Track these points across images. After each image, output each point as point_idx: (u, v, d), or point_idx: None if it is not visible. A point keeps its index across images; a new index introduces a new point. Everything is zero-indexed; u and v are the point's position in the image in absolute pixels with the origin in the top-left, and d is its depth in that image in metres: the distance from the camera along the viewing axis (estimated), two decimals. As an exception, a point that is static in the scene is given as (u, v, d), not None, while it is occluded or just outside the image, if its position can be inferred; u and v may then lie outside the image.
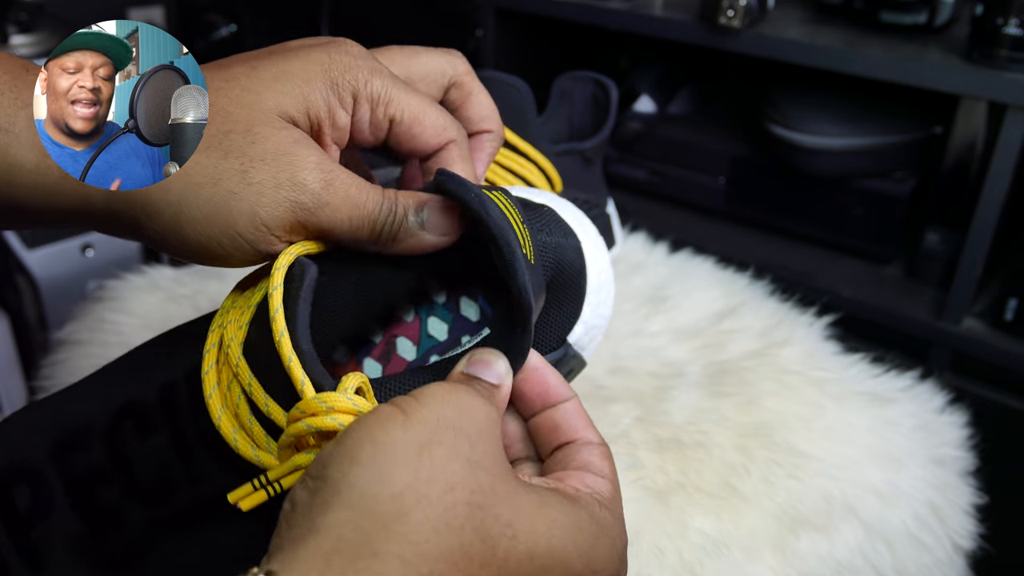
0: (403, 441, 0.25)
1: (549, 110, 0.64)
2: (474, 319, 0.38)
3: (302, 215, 0.31)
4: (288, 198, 0.31)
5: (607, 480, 0.30)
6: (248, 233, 0.31)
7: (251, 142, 0.31)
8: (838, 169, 0.93)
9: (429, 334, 0.38)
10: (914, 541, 0.49)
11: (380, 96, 0.34)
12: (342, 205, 0.32)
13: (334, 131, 0.34)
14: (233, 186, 0.30)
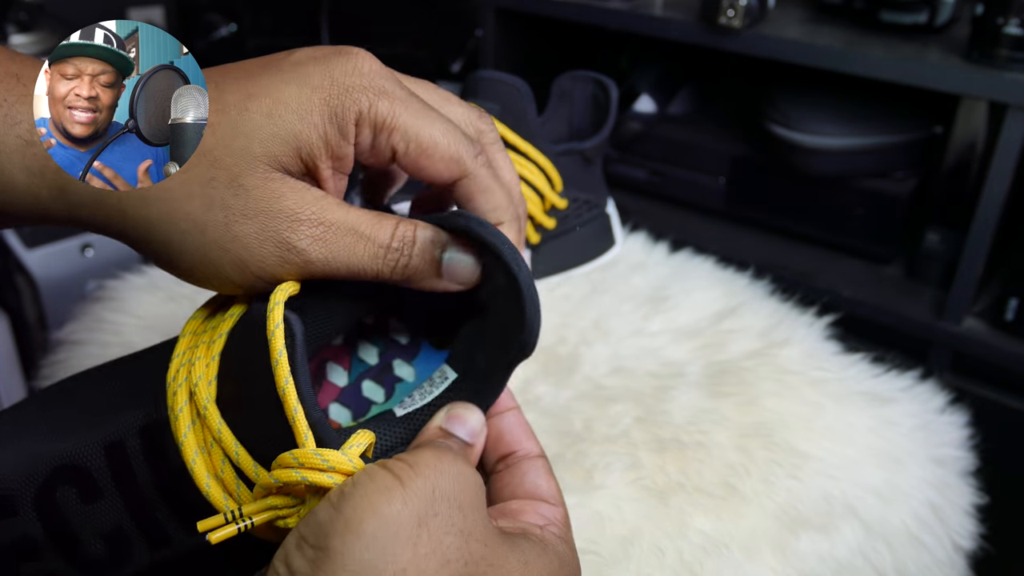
0: (403, 515, 0.25)
1: (549, 110, 0.64)
2: (404, 342, 0.38)
3: (292, 270, 0.30)
4: (274, 254, 0.30)
5: (558, 505, 0.31)
6: (238, 279, 0.30)
7: (235, 194, 0.29)
8: (838, 169, 0.93)
9: (360, 358, 0.37)
10: (914, 541, 0.49)
11: (385, 121, 0.31)
12: (335, 257, 0.30)
13: (334, 162, 0.31)
14: (218, 237, 0.29)
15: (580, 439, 0.49)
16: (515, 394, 0.53)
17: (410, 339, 0.38)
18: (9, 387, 1.28)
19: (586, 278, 0.65)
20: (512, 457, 0.32)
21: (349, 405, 0.37)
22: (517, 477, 0.32)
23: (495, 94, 0.57)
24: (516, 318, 0.31)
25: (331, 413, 0.36)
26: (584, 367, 0.55)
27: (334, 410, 0.36)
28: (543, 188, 0.59)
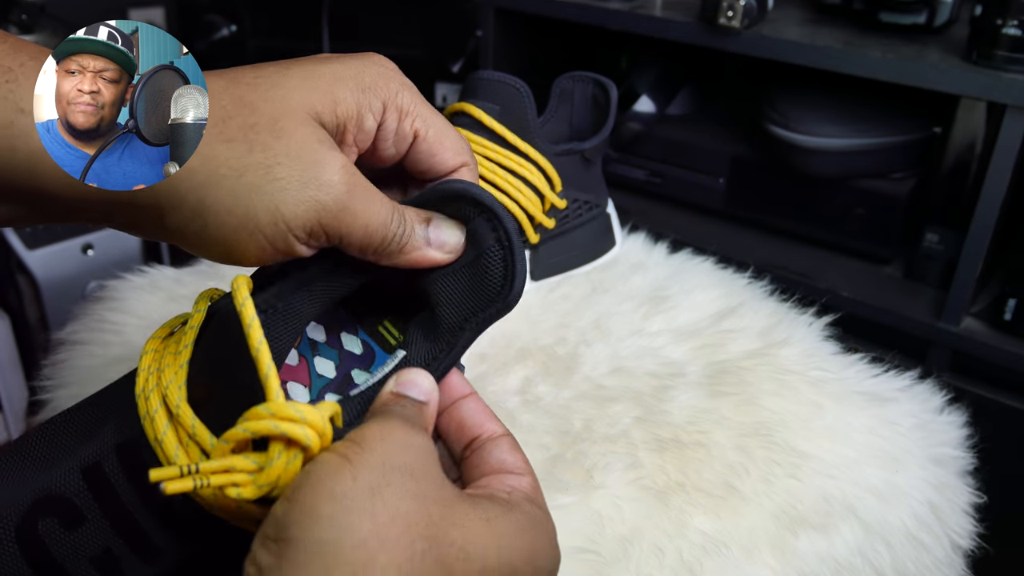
0: (355, 490, 0.26)
1: (549, 110, 0.65)
2: (358, 352, 0.39)
3: (324, 216, 0.31)
4: (312, 197, 0.30)
5: (524, 474, 0.32)
6: (268, 229, 0.30)
7: (276, 137, 0.30)
8: (837, 169, 0.93)
9: (319, 374, 0.38)
10: (913, 541, 0.49)
11: (409, 109, 0.34)
12: (361, 212, 0.32)
13: (360, 133, 0.34)
14: (257, 180, 0.30)
15: (580, 439, 0.49)
16: (515, 393, 0.53)
17: (363, 348, 0.39)
18: (10, 387, 1.28)
19: (586, 278, 0.65)
20: (476, 441, 0.33)
21: None
22: (483, 457, 0.32)
23: (495, 94, 0.58)
24: (499, 273, 0.33)
25: None
26: (584, 367, 0.55)
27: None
28: (543, 188, 0.60)
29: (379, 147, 0.35)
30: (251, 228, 0.30)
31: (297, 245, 0.31)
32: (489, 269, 0.34)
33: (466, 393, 0.34)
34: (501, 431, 0.33)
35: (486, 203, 0.34)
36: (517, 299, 0.34)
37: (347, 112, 0.33)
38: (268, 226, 0.30)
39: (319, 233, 0.31)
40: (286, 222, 0.30)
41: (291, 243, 0.31)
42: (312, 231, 0.31)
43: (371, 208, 0.32)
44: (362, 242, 0.32)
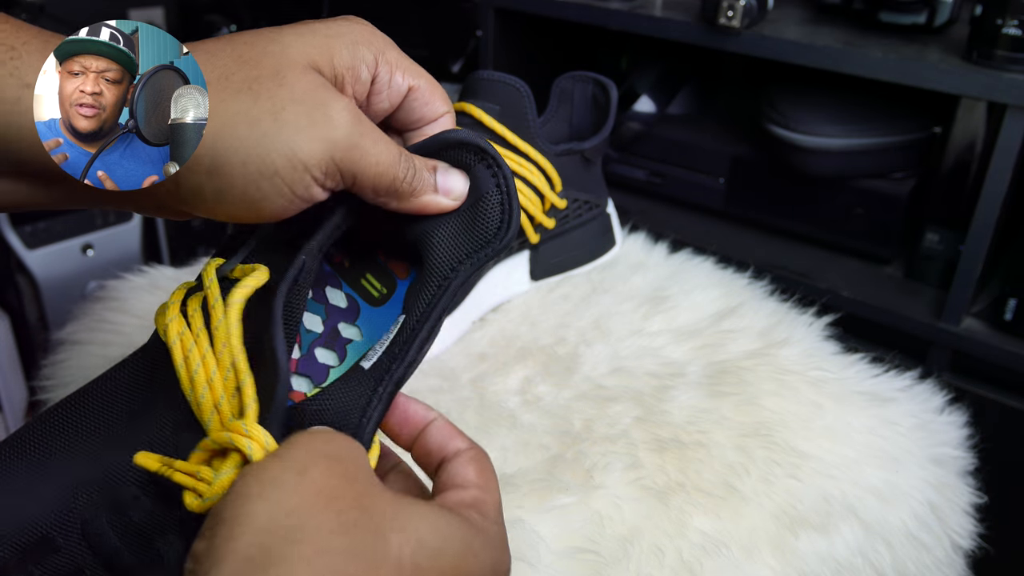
0: (283, 470, 0.27)
1: (549, 110, 0.65)
2: (343, 306, 0.40)
3: (337, 153, 0.32)
4: (323, 135, 0.31)
5: (470, 487, 0.32)
6: (286, 173, 0.31)
7: (279, 84, 0.31)
8: (837, 169, 0.93)
9: (307, 329, 0.39)
10: (913, 541, 0.49)
11: (398, 63, 0.36)
12: (371, 149, 0.33)
13: (357, 85, 0.35)
14: (267, 127, 0.31)
15: (580, 439, 0.49)
16: (515, 393, 0.53)
17: (348, 302, 0.40)
18: (10, 387, 1.28)
19: (586, 278, 0.65)
20: (443, 463, 0.33)
21: (307, 374, 0.38)
22: (442, 480, 0.33)
23: (495, 94, 0.58)
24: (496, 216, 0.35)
25: (292, 384, 0.38)
26: (584, 367, 0.55)
27: (295, 381, 0.38)
28: (543, 188, 0.59)
29: (373, 100, 0.36)
30: (269, 174, 0.31)
31: (314, 187, 0.32)
32: (488, 212, 0.36)
33: (429, 420, 0.35)
34: (465, 446, 0.34)
35: (487, 150, 0.36)
36: (511, 243, 0.35)
37: (343, 63, 0.34)
38: (286, 170, 0.31)
39: (334, 172, 0.32)
40: (303, 162, 0.31)
41: (309, 185, 0.32)
42: (327, 170, 0.32)
43: (379, 147, 0.33)
44: (374, 182, 0.33)
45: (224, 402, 0.31)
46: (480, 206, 0.36)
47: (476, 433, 0.50)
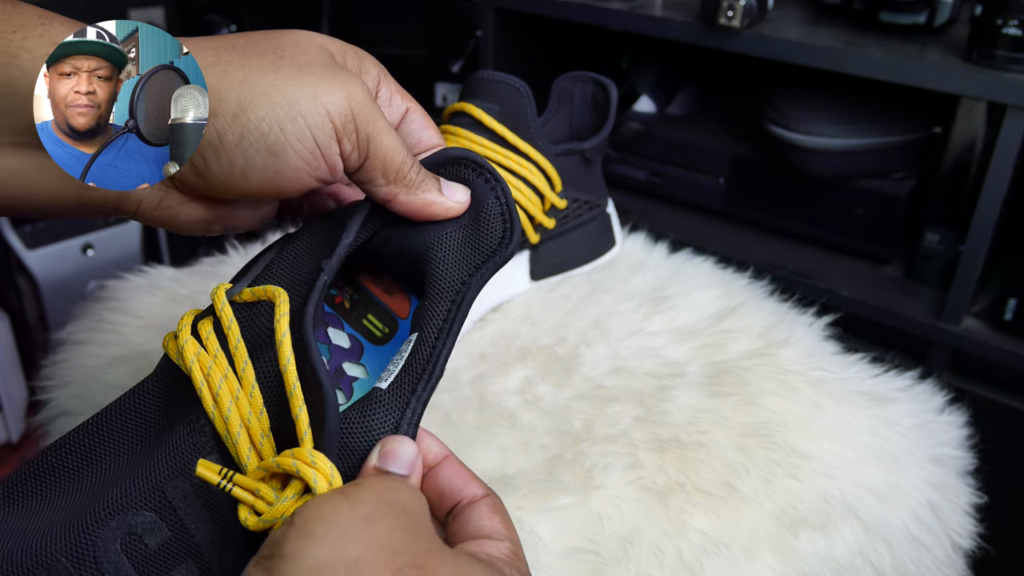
0: (350, 516, 0.27)
1: (549, 110, 0.65)
2: (346, 346, 0.40)
3: (355, 105, 0.33)
4: (343, 88, 0.33)
5: (503, 539, 0.32)
6: (309, 113, 0.32)
7: (302, 52, 0.34)
8: (837, 169, 0.93)
9: None
10: (913, 541, 0.49)
11: (396, 87, 0.39)
12: (384, 121, 0.35)
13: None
14: (292, 74, 0.32)
15: (580, 439, 0.49)
16: (515, 393, 0.53)
17: (351, 342, 0.40)
18: (10, 387, 1.28)
19: (586, 278, 0.65)
20: (457, 507, 0.33)
21: None
22: (462, 524, 0.32)
23: (495, 94, 0.58)
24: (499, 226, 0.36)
25: None
26: (584, 367, 0.55)
27: None
28: (543, 188, 0.59)
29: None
30: (293, 114, 0.32)
31: (333, 141, 0.33)
32: (490, 223, 0.37)
33: (440, 458, 0.34)
34: (481, 493, 0.33)
35: (483, 164, 0.37)
36: (515, 251, 0.36)
37: (351, 65, 0.37)
38: (310, 110, 0.32)
39: (351, 128, 0.33)
40: (324, 106, 0.32)
41: (329, 134, 0.33)
42: (345, 122, 0.33)
43: (390, 126, 0.35)
44: (386, 157, 0.34)
45: (253, 420, 0.32)
46: (482, 218, 0.37)
47: (476, 433, 0.50)
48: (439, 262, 0.36)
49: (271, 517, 0.29)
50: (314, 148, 0.33)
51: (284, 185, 0.34)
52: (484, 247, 0.36)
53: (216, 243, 0.71)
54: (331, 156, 0.34)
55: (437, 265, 0.36)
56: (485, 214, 0.37)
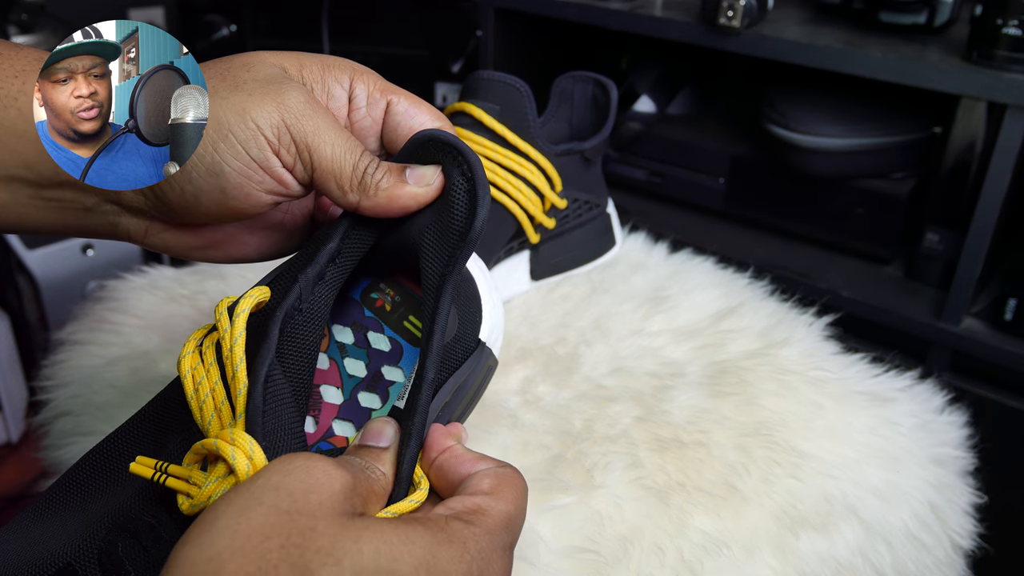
0: (224, 510, 0.26)
1: (549, 110, 0.65)
2: (386, 349, 0.40)
3: (288, 118, 0.33)
4: (275, 99, 0.33)
5: (480, 495, 0.31)
6: (239, 130, 0.33)
7: (246, 71, 0.34)
8: (837, 169, 0.93)
9: (350, 374, 0.39)
10: (914, 541, 0.49)
11: (376, 83, 0.38)
12: (325, 127, 0.34)
13: (329, 100, 0.37)
14: (225, 94, 0.33)
15: (580, 439, 0.49)
16: (515, 393, 0.53)
17: (391, 345, 0.40)
18: (10, 387, 1.28)
19: (586, 278, 0.65)
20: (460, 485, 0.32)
21: (350, 419, 0.38)
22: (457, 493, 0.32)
23: (495, 94, 0.58)
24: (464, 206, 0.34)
25: (335, 430, 0.38)
26: (584, 367, 0.55)
27: (337, 426, 0.38)
28: (543, 188, 0.59)
29: (354, 118, 0.38)
30: (224, 133, 0.32)
31: (269, 152, 0.33)
32: (456, 204, 0.34)
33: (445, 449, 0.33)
34: (486, 466, 0.33)
35: (449, 141, 0.35)
36: (479, 232, 0.34)
37: (312, 75, 0.36)
38: (239, 127, 0.33)
39: (287, 139, 0.33)
40: (255, 122, 0.33)
41: (263, 147, 0.33)
42: (279, 134, 0.33)
43: (334, 130, 0.34)
44: (331, 164, 0.34)
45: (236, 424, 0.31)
46: (450, 200, 0.35)
47: (476, 432, 0.50)
48: (424, 257, 0.35)
49: (199, 501, 0.29)
50: (250, 163, 0.33)
51: (236, 204, 0.34)
52: (454, 231, 0.34)
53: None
54: (273, 170, 0.34)
55: (423, 260, 0.35)
56: (452, 194, 0.34)
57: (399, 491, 0.32)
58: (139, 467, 0.31)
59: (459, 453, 0.33)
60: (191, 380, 0.32)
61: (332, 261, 0.36)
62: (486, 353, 0.40)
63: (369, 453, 0.32)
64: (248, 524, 0.25)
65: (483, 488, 0.31)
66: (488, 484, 0.31)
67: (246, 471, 0.29)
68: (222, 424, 0.31)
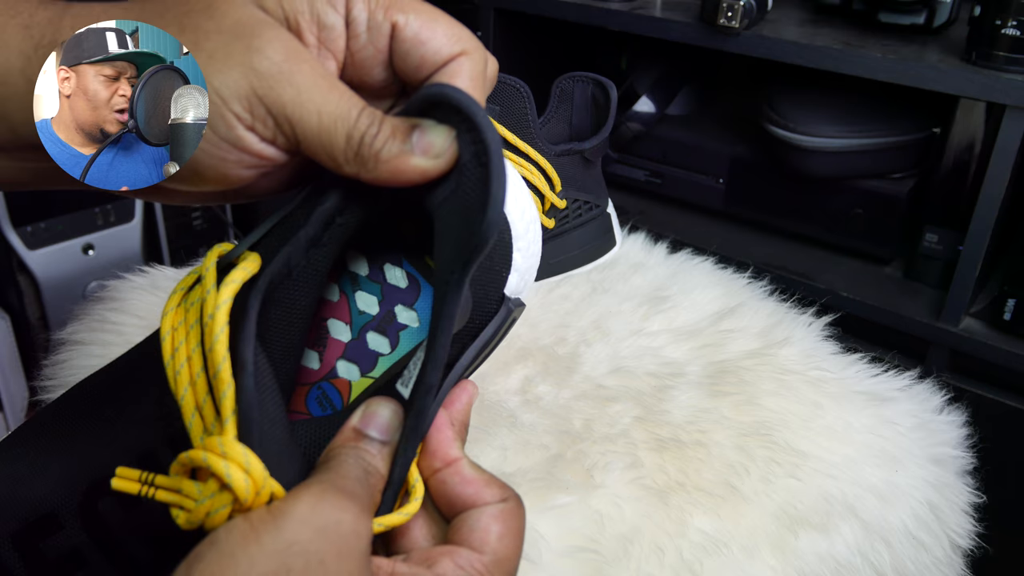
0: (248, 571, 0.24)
1: (549, 110, 0.65)
2: (403, 286, 0.36)
3: (258, 85, 0.27)
4: (242, 62, 0.27)
5: (489, 553, 0.29)
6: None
7: (209, 17, 0.28)
8: (836, 170, 0.93)
9: (360, 310, 0.36)
10: (913, 540, 0.49)
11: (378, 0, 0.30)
12: (310, 89, 0.27)
13: (324, 31, 0.30)
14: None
15: (580, 438, 0.49)
16: (515, 393, 0.53)
17: (408, 281, 0.36)
18: (11, 387, 1.28)
19: (586, 278, 0.65)
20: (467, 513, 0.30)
21: (355, 360, 0.35)
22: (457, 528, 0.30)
23: (495, 94, 0.58)
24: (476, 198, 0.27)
25: (339, 370, 0.35)
26: (584, 367, 0.55)
27: (342, 367, 0.35)
28: (543, 188, 0.60)
29: (353, 46, 0.30)
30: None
31: (240, 128, 0.28)
32: (468, 194, 0.28)
33: (450, 460, 0.31)
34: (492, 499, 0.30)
35: (464, 106, 0.28)
36: (491, 232, 0.27)
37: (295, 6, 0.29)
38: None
39: (261, 111, 0.27)
40: (219, 95, 0.27)
41: (232, 125, 0.27)
42: (251, 106, 0.27)
43: (322, 92, 0.28)
44: (320, 136, 0.28)
45: (206, 405, 0.28)
46: (461, 186, 0.28)
47: (476, 433, 0.50)
48: (437, 238, 0.29)
49: (196, 518, 0.27)
50: (220, 143, 0.28)
51: (215, 183, 0.29)
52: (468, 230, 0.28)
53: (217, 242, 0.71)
54: (250, 147, 0.28)
55: (436, 241, 0.29)
56: (465, 180, 0.28)
57: (388, 495, 0.30)
58: (123, 483, 0.28)
59: (465, 473, 0.30)
60: (170, 343, 0.29)
61: (330, 224, 0.31)
62: (509, 307, 0.35)
63: (369, 447, 0.29)
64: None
65: (491, 542, 0.29)
66: (497, 533, 0.29)
67: (245, 489, 0.26)
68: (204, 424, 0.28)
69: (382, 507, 0.30)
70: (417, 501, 0.30)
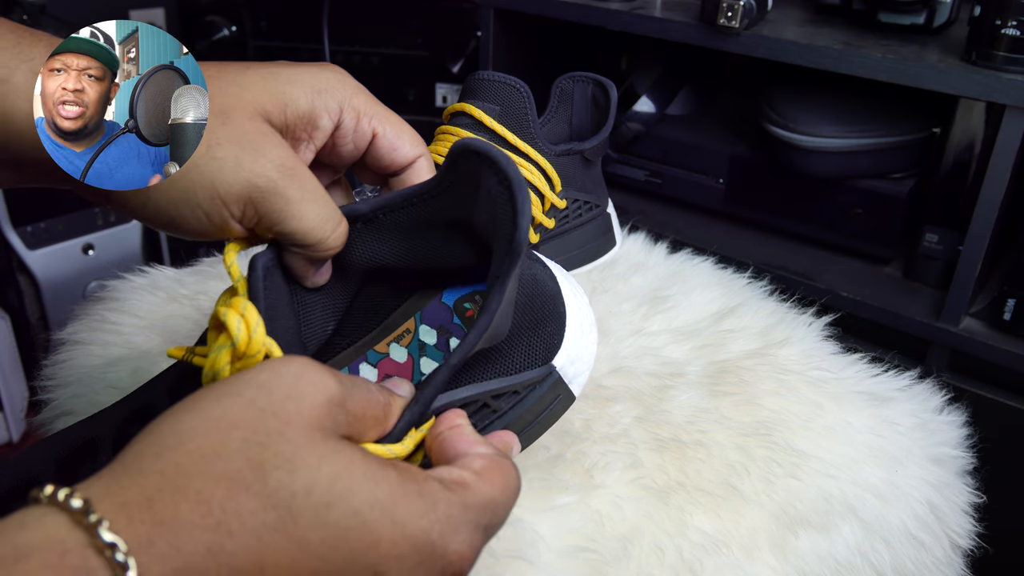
0: (205, 395, 0.27)
1: (549, 110, 0.65)
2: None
3: (255, 196, 0.34)
4: (246, 178, 0.33)
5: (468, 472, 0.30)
6: (205, 203, 0.33)
7: (223, 124, 0.33)
8: (836, 170, 0.93)
9: (422, 372, 0.40)
10: (913, 540, 0.49)
11: (365, 110, 0.38)
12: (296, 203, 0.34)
13: (316, 132, 0.37)
14: (197, 159, 0.33)
15: (580, 438, 0.49)
16: (515, 393, 0.53)
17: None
18: (11, 387, 1.28)
19: (586, 278, 0.65)
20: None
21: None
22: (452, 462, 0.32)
23: (495, 94, 0.58)
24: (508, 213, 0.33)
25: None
26: (584, 367, 0.55)
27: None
28: (543, 188, 0.60)
29: (338, 144, 0.39)
30: (191, 203, 0.33)
31: (231, 221, 0.34)
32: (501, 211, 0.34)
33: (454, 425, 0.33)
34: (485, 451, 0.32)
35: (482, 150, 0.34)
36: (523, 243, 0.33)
37: (297, 113, 0.36)
38: (205, 201, 0.33)
39: (251, 214, 0.34)
40: (222, 198, 0.33)
41: (226, 219, 0.34)
42: (245, 210, 0.34)
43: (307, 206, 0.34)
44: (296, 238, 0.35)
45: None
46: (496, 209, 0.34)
47: (476, 433, 0.50)
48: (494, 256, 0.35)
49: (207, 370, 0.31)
50: (209, 226, 0.34)
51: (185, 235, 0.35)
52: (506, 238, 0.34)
53: (217, 243, 0.71)
54: (232, 229, 0.35)
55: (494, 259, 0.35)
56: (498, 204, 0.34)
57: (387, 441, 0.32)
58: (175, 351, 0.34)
59: (464, 432, 0.33)
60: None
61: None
62: (554, 379, 0.39)
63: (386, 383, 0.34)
64: (221, 410, 0.26)
65: (474, 467, 0.30)
66: (480, 465, 0.30)
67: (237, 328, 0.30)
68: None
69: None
70: (406, 448, 0.32)
